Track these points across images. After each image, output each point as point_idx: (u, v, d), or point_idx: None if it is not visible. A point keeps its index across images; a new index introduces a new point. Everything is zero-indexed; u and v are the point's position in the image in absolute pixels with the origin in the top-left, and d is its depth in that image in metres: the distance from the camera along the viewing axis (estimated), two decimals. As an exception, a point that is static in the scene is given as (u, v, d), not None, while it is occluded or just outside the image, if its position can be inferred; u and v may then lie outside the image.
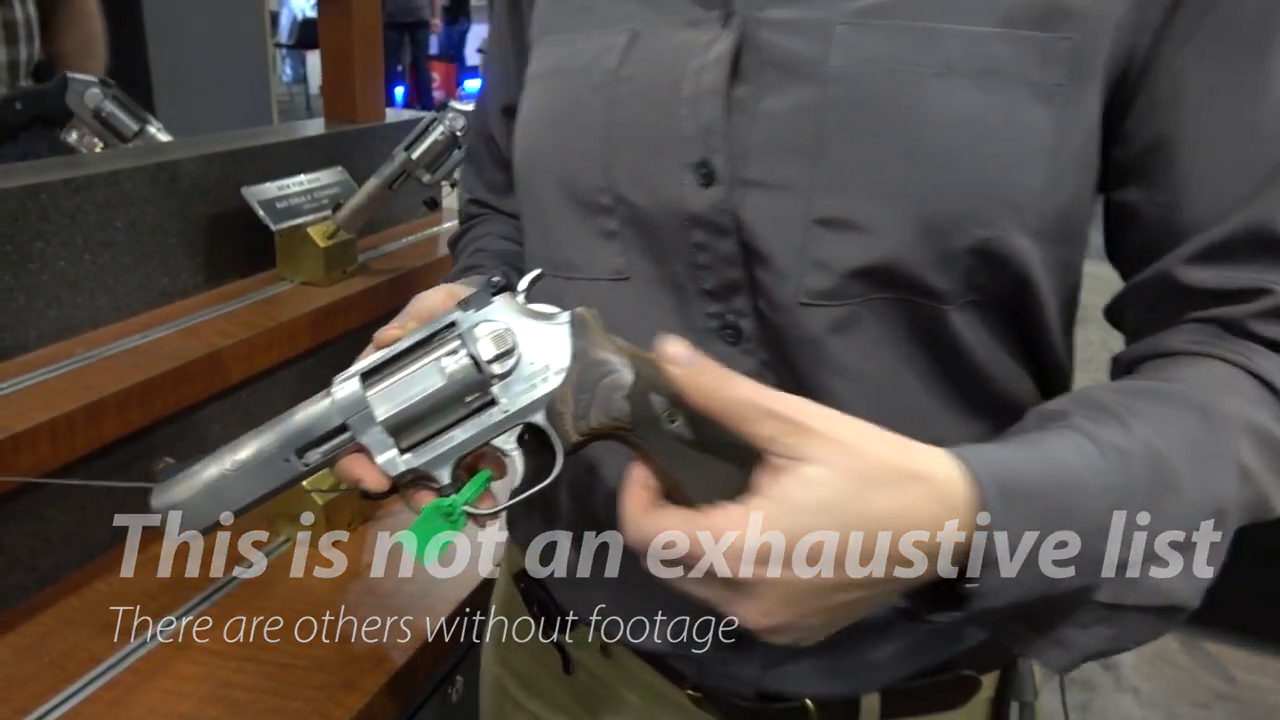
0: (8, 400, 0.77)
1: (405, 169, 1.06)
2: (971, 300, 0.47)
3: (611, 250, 0.53)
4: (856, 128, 0.45)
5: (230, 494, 0.47)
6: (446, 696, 0.83)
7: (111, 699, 0.68)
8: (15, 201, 0.82)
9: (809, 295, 0.47)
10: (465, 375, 0.45)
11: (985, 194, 0.45)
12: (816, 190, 0.46)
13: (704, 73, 0.47)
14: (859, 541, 0.37)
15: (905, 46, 0.44)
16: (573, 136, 0.53)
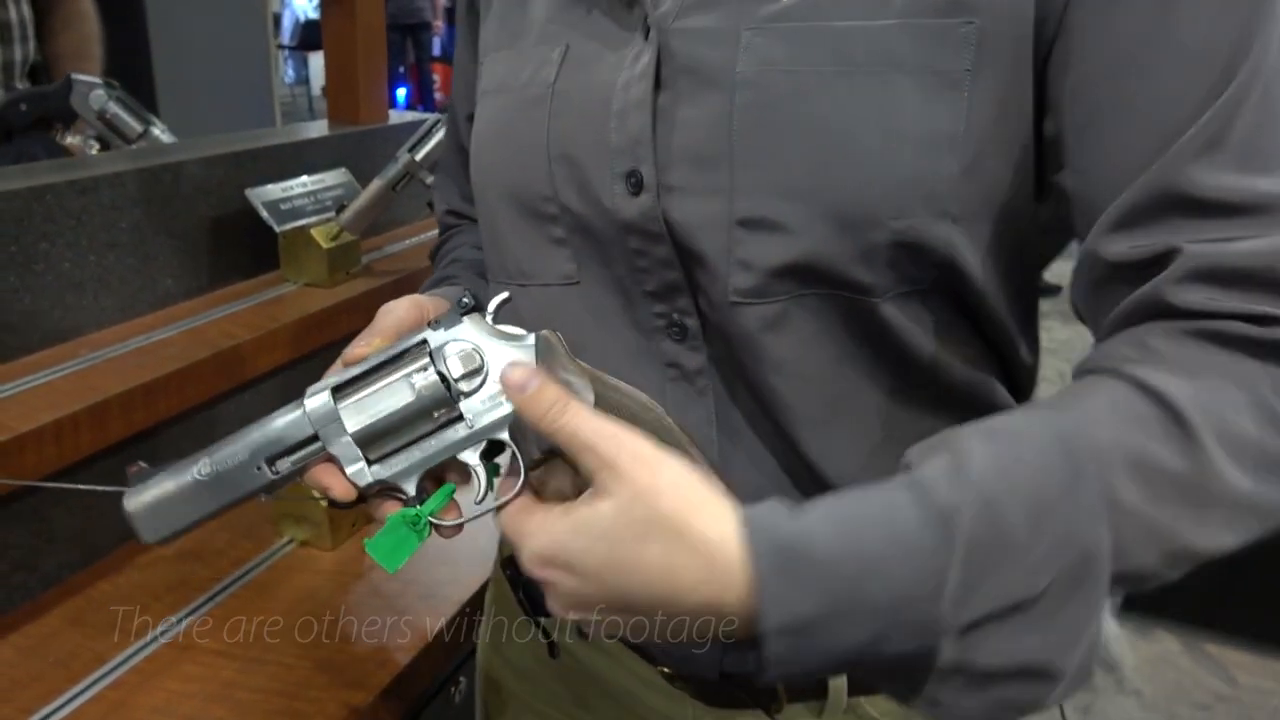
0: (13, 401, 0.77)
1: (408, 170, 1.06)
2: (902, 292, 0.48)
3: (561, 256, 0.54)
4: (765, 130, 0.46)
5: (201, 499, 0.48)
6: (449, 697, 0.83)
7: (116, 699, 0.68)
8: (21, 203, 0.82)
9: (737, 294, 0.48)
10: (434, 392, 0.47)
11: (896, 185, 0.45)
12: (735, 192, 0.47)
13: (630, 87, 0.50)
14: (624, 581, 0.40)
15: (807, 48, 0.46)
16: (518, 149, 0.55)
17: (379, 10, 1.28)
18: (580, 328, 0.53)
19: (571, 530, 0.42)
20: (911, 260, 0.46)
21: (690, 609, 0.39)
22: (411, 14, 6.95)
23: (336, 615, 0.78)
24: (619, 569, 0.40)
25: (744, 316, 0.49)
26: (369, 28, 1.27)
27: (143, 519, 0.48)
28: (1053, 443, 0.39)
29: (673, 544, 0.39)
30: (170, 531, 0.48)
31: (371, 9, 1.26)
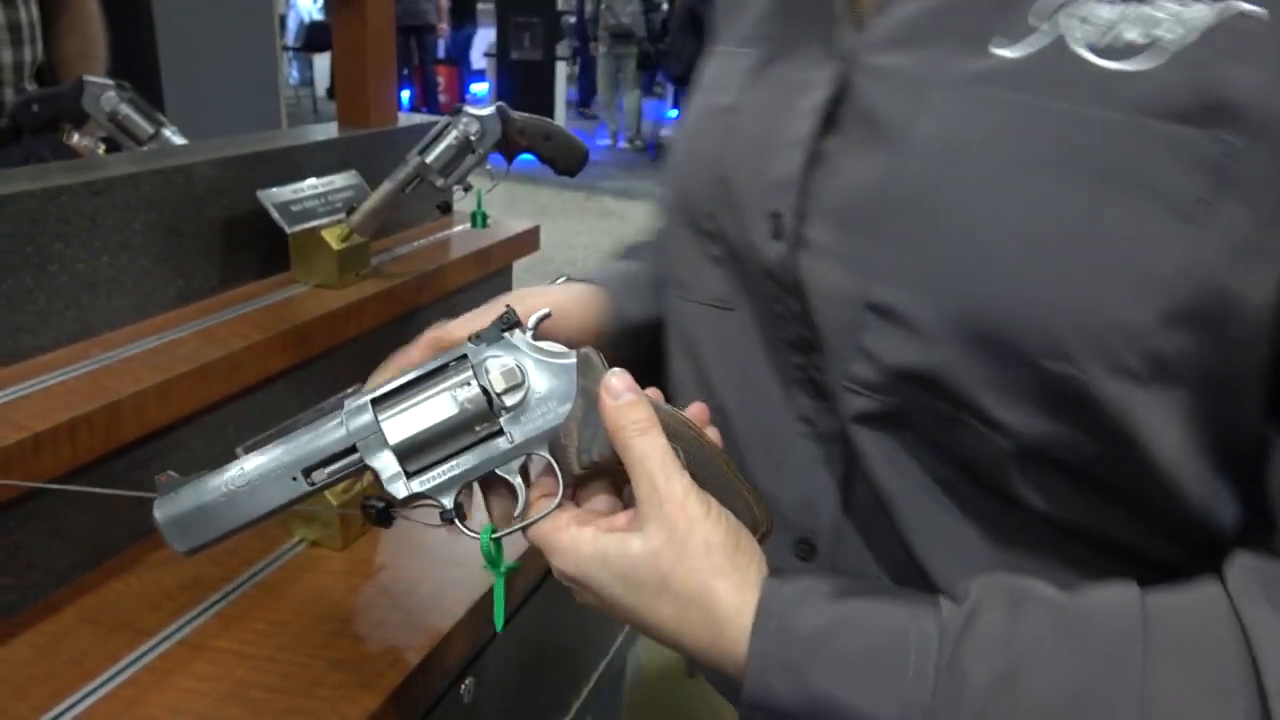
0: (28, 400, 0.77)
1: (419, 173, 1.07)
2: (1050, 444, 0.40)
3: (716, 277, 0.52)
4: (924, 210, 0.40)
5: (235, 510, 0.48)
6: (459, 697, 0.83)
7: (129, 697, 0.68)
8: (36, 203, 0.82)
9: (851, 380, 0.44)
10: (476, 406, 0.47)
11: (1059, 318, 0.37)
12: (874, 271, 0.42)
13: (801, 120, 0.45)
14: (637, 620, 0.43)
15: (1001, 122, 0.38)
16: (694, 156, 0.53)
17: (388, 13, 1.28)
18: (729, 355, 0.51)
19: (598, 561, 0.44)
20: (1067, 414, 0.38)
21: (691, 656, 0.43)
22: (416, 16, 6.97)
23: (347, 615, 0.78)
24: (633, 611, 0.43)
25: (852, 405, 0.45)
26: (378, 30, 1.27)
27: (173, 529, 0.47)
28: (1121, 679, 0.34)
29: (686, 607, 0.42)
30: (202, 542, 0.48)
31: (381, 12, 1.26)
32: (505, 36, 7.22)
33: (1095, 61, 0.36)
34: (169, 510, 0.48)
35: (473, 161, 1.08)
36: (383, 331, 1.13)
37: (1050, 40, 0.38)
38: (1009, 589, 0.39)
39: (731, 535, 0.43)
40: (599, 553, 0.44)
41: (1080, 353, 0.37)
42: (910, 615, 0.39)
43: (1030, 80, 0.38)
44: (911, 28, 0.42)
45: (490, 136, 1.07)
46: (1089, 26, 0.37)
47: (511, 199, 5.59)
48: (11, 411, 0.75)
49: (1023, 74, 0.38)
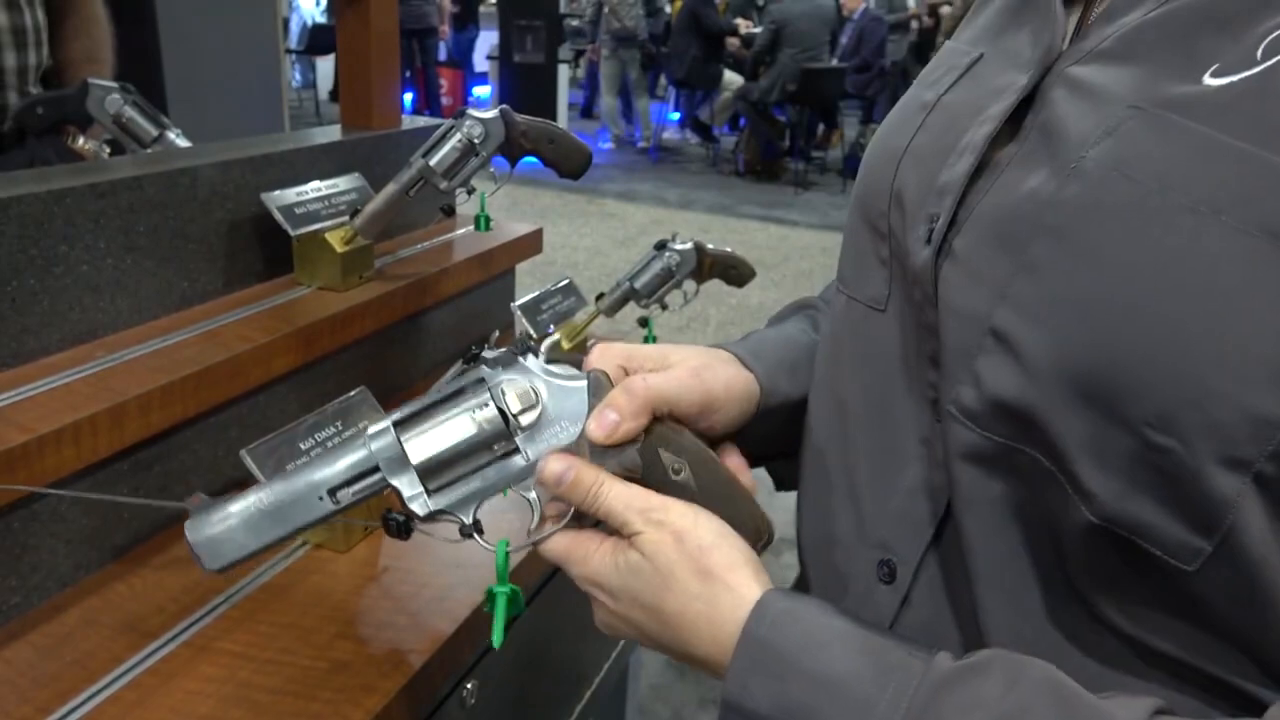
0: (32, 402, 0.78)
1: (423, 175, 1.07)
2: (1127, 519, 0.36)
3: (879, 278, 0.50)
4: (1071, 237, 0.37)
5: (263, 528, 0.50)
6: (462, 700, 0.83)
7: (133, 700, 0.68)
8: (41, 206, 0.83)
9: (956, 407, 0.42)
10: (494, 426, 0.50)
11: (1178, 388, 0.33)
12: (1006, 294, 0.39)
13: (984, 123, 0.43)
14: (647, 619, 0.47)
15: (1179, 155, 0.35)
16: (884, 151, 0.51)
17: (393, 16, 1.28)
18: (869, 358, 0.50)
19: (613, 568, 0.48)
20: (1163, 493, 0.35)
21: (690, 655, 0.46)
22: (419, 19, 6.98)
23: (351, 617, 0.78)
24: (645, 610, 0.47)
25: (954, 434, 0.42)
26: (382, 33, 1.28)
27: (205, 547, 0.50)
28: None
29: (689, 601, 0.46)
30: (232, 559, 0.51)
31: (385, 14, 1.27)
32: (508, 39, 7.23)
33: None
34: (200, 531, 0.50)
35: (476, 164, 1.08)
36: (386, 334, 1.13)
37: (1264, 73, 0.34)
38: (1020, 664, 0.38)
39: (725, 540, 0.46)
40: (613, 562, 0.48)
41: (1191, 429, 0.33)
42: (906, 652, 0.40)
43: (1228, 115, 0.34)
44: (1125, 42, 0.39)
45: (494, 139, 1.08)
46: None
47: (513, 201, 5.60)
48: (16, 413, 0.76)
49: (1223, 107, 0.34)
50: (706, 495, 0.48)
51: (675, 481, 0.49)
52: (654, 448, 0.49)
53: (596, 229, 5.29)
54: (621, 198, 6.03)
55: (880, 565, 0.48)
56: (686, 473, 0.49)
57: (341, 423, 0.91)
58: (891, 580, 0.48)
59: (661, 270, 1.28)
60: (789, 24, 6.09)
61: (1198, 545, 0.34)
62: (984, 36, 0.49)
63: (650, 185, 6.42)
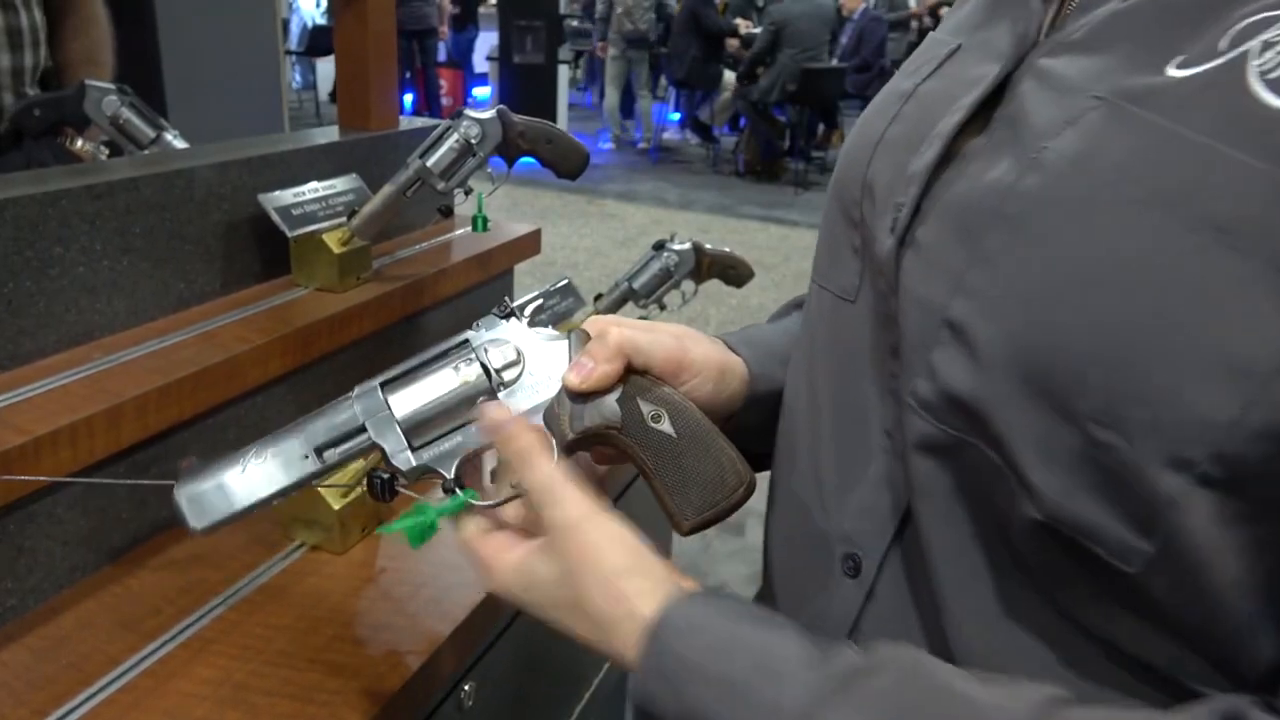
0: (29, 404, 0.77)
1: (420, 176, 1.07)
2: (1072, 518, 0.36)
3: (851, 268, 0.50)
4: (1028, 229, 0.37)
5: (250, 487, 0.51)
6: (460, 701, 0.83)
7: (129, 702, 0.68)
8: (37, 208, 0.83)
9: (913, 398, 0.42)
10: (477, 381, 0.51)
11: (1125, 384, 0.33)
12: (962, 285, 0.39)
13: (954, 113, 0.43)
14: (553, 622, 0.48)
15: (1137, 146, 0.34)
16: (860, 139, 0.51)
17: (390, 16, 1.28)
18: (839, 349, 0.50)
19: (515, 572, 0.49)
20: (1106, 492, 0.34)
21: (604, 656, 0.46)
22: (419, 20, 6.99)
23: (348, 619, 0.78)
24: (555, 625, 0.48)
25: (911, 426, 0.42)
26: (379, 33, 1.27)
27: (191, 506, 0.51)
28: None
29: (596, 625, 0.45)
30: (216, 519, 0.51)
31: (383, 15, 1.27)
32: (508, 40, 7.23)
33: (1262, 96, 0.32)
34: (188, 488, 0.51)
35: (473, 165, 1.08)
36: (384, 335, 1.13)
37: (1225, 65, 0.33)
38: (916, 663, 0.39)
39: (631, 553, 0.46)
40: (516, 568, 0.49)
41: (1136, 427, 0.33)
42: (802, 653, 0.40)
43: (1186, 107, 0.33)
44: (1095, 32, 0.39)
45: (491, 140, 1.08)
46: (1276, 56, 0.32)
47: (513, 202, 5.60)
48: (12, 414, 0.75)
49: (1183, 99, 0.34)
50: (686, 441, 0.49)
51: (655, 429, 0.49)
52: (632, 397, 0.50)
53: (596, 229, 5.29)
54: (622, 198, 6.03)
55: (845, 559, 0.48)
56: (666, 421, 0.49)
57: (339, 424, 0.91)
58: (856, 574, 0.48)
59: (660, 270, 1.28)
60: (789, 24, 6.09)
61: (1140, 547, 0.34)
62: (964, 28, 0.49)
63: (650, 185, 6.42)
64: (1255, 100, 0.32)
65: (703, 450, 0.49)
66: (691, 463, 0.49)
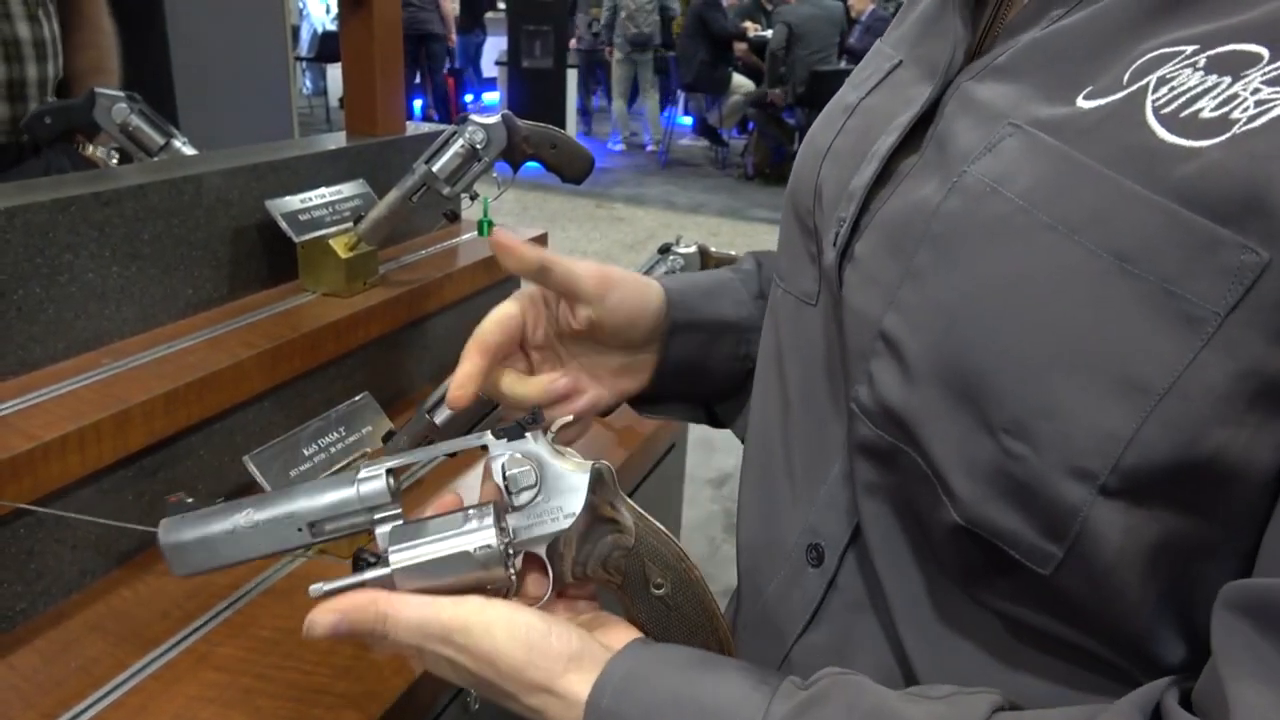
0: (38, 409, 0.78)
1: (425, 182, 1.07)
2: (987, 524, 0.38)
3: (809, 274, 0.52)
4: (948, 248, 0.39)
5: (234, 548, 0.49)
6: (466, 705, 0.83)
7: (137, 705, 0.69)
8: (47, 214, 0.83)
9: (855, 404, 0.44)
10: (489, 556, 0.47)
11: (1029, 397, 0.35)
12: (895, 299, 0.41)
13: (891, 133, 0.45)
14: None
15: (1047, 175, 0.36)
16: (810, 150, 0.53)
17: (396, 22, 1.29)
18: (803, 349, 0.52)
19: (465, 642, 0.45)
20: (1018, 499, 0.36)
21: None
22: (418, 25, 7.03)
23: (354, 623, 0.78)
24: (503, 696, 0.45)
25: (854, 429, 0.44)
26: (386, 39, 1.28)
27: (174, 553, 0.49)
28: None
29: (534, 697, 0.44)
30: (201, 569, 0.50)
31: (388, 21, 1.27)
32: (516, 44, 7.25)
33: (1158, 132, 0.34)
34: (172, 536, 0.49)
35: (479, 169, 1.09)
36: (390, 339, 1.14)
37: (1126, 98, 0.35)
38: (856, 688, 0.40)
39: (535, 650, 0.44)
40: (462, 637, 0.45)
41: (1041, 438, 0.35)
42: (746, 697, 0.40)
43: (1090, 138, 0.35)
44: (1014, 59, 0.41)
45: (496, 145, 1.08)
46: (1170, 92, 0.34)
47: (522, 206, 5.61)
48: (22, 420, 0.76)
49: (1087, 129, 0.36)
50: (678, 616, 0.49)
51: (653, 596, 0.49)
52: (641, 556, 0.49)
53: (605, 233, 5.30)
54: (630, 202, 6.03)
55: (810, 549, 0.50)
56: (667, 589, 0.48)
57: (345, 428, 0.92)
58: (819, 564, 0.50)
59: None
60: (798, 26, 6.08)
61: (1050, 550, 0.36)
62: (905, 41, 0.51)
63: (659, 189, 6.42)
64: (1151, 134, 0.34)
65: (693, 631, 0.49)
66: (673, 630, 0.49)
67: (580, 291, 0.55)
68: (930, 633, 0.43)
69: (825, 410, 0.50)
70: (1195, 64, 0.34)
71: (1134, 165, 0.34)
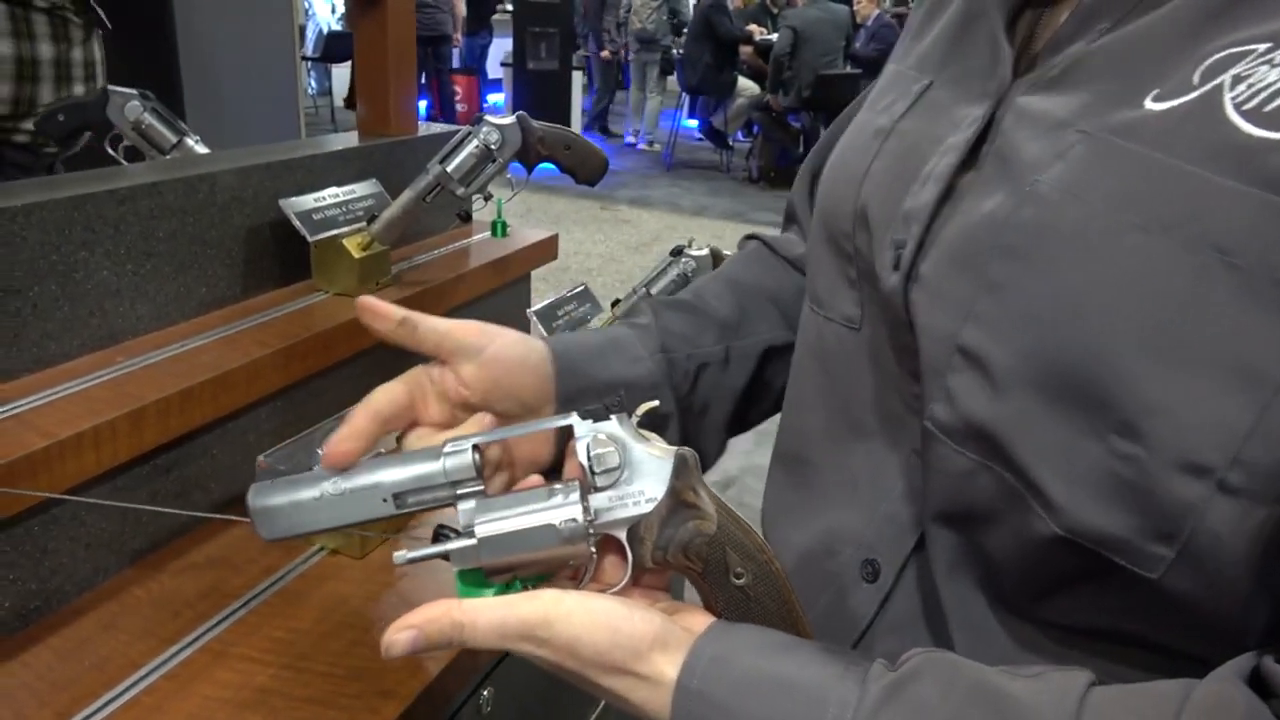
0: (53, 407, 0.78)
1: (439, 182, 1.07)
2: (1092, 532, 0.37)
3: (850, 298, 0.52)
4: (1029, 257, 0.39)
5: (320, 515, 0.49)
6: (479, 707, 0.83)
7: (151, 705, 0.68)
8: (63, 211, 0.83)
9: (932, 422, 0.44)
10: (573, 532, 0.47)
11: (1141, 397, 0.34)
12: (971, 313, 0.41)
13: (947, 153, 0.45)
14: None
15: (1129, 177, 0.36)
16: (843, 175, 0.53)
17: (410, 23, 1.29)
18: (860, 373, 0.52)
19: (548, 634, 0.43)
20: (1127, 502, 0.36)
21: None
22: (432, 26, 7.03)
23: (368, 623, 0.78)
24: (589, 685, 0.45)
25: (931, 448, 0.44)
26: (399, 39, 1.28)
27: (263, 517, 0.50)
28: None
29: (631, 687, 0.43)
30: (286, 534, 0.50)
31: (403, 20, 1.27)
32: (522, 46, 7.25)
33: (1243, 127, 0.34)
34: (260, 500, 0.49)
35: (493, 170, 1.09)
36: (402, 340, 1.13)
37: (1202, 98, 0.36)
38: (950, 665, 0.39)
39: (619, 634, 0.43)
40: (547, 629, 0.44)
41: (1153, 436, 0.34)
42: (837, 677, 0.40)
43: (1170, 138, 0.36)
44: (1070, 70, 0.41)
45: (510, 146, 1.08)
46: (1249, 89, 0.35)
47: (527, 208, 5.61)
48: (37, 418, 0.76)
49: (1165, 130, 0.36)
50: (760, 609, 0.48)
51: (732, 585, 0.48)
52: (722, 544, 0.48)
53: (610, 235, 5.30)
54: (635, 204, 6.03)
55: (864, 564, 0.50)
56: (748, 579, 0.48)
57: (358, 428, 0.91)
58: (875, 580, 0.50)
59: (678, 276, 1.28)
60: (804, 29, 6.08)
61: (1159, 553, 0.35)
62: (928, 64, 0.51)
63: (664, 191, 6.42)
64: (1235, 129, 0.34)
65: (770, 623, 0.47)
66: (753, 620, 0.48)
67: (455, 343, 0.53)
68: (991, 648, 0.43)
69: (880, 432, 0.50)
70: (1271, 60, 0.34)
71: (1221, 161, 0.34)
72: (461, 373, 0.54)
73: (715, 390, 0.65)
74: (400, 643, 0.43)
